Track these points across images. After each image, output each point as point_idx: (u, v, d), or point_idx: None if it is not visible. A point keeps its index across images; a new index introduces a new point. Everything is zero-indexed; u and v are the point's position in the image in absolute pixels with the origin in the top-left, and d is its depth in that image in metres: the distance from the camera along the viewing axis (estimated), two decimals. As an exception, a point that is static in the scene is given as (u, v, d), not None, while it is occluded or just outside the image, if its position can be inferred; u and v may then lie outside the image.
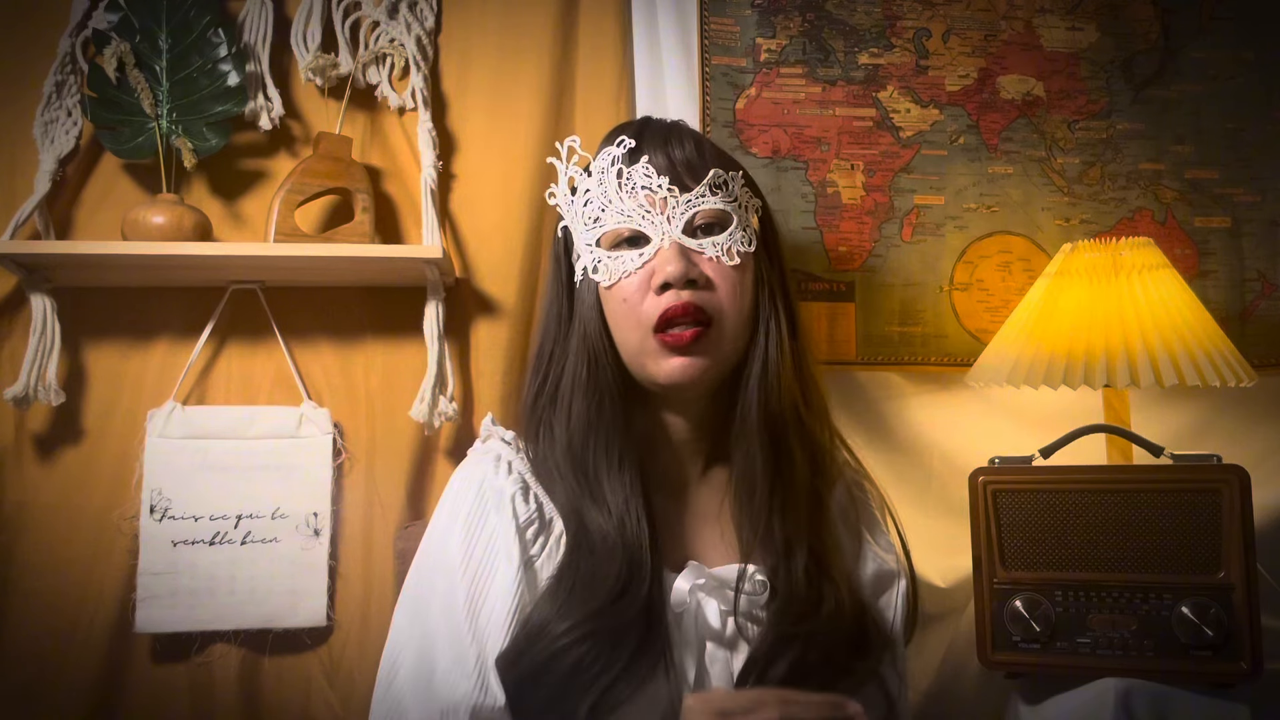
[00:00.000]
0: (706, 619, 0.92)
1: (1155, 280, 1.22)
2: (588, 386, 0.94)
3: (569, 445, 0.94)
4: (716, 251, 0.95)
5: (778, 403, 0.97)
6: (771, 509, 0.95)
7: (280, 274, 1.31)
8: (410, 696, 0.89)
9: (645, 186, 0.94)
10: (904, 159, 1.44)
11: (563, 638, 0.85)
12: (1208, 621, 1.00)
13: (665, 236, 0.94)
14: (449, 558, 0.93)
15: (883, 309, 1.42)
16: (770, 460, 0.96)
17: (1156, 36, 1.48)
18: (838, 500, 1.03)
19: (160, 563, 1.25)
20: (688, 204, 0.95)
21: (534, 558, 0.92)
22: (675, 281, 0.92)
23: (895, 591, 1.02)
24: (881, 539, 1.04)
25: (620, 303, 0.94)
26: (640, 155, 0.95)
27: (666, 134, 0.99)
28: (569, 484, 0.93)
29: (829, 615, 0.92)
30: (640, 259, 0.94)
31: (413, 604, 0.95)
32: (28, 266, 1.23)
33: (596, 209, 0.96)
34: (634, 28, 1.43)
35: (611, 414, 0.94)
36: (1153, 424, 1.29)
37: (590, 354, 0.95)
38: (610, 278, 0.95)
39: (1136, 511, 1.04)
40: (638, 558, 0.89)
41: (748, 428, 0.97)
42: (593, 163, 0.97)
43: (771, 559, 0.94)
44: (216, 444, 1.28)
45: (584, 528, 0.91)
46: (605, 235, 0.96)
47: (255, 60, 1.33)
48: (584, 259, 0.97)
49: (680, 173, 0.96)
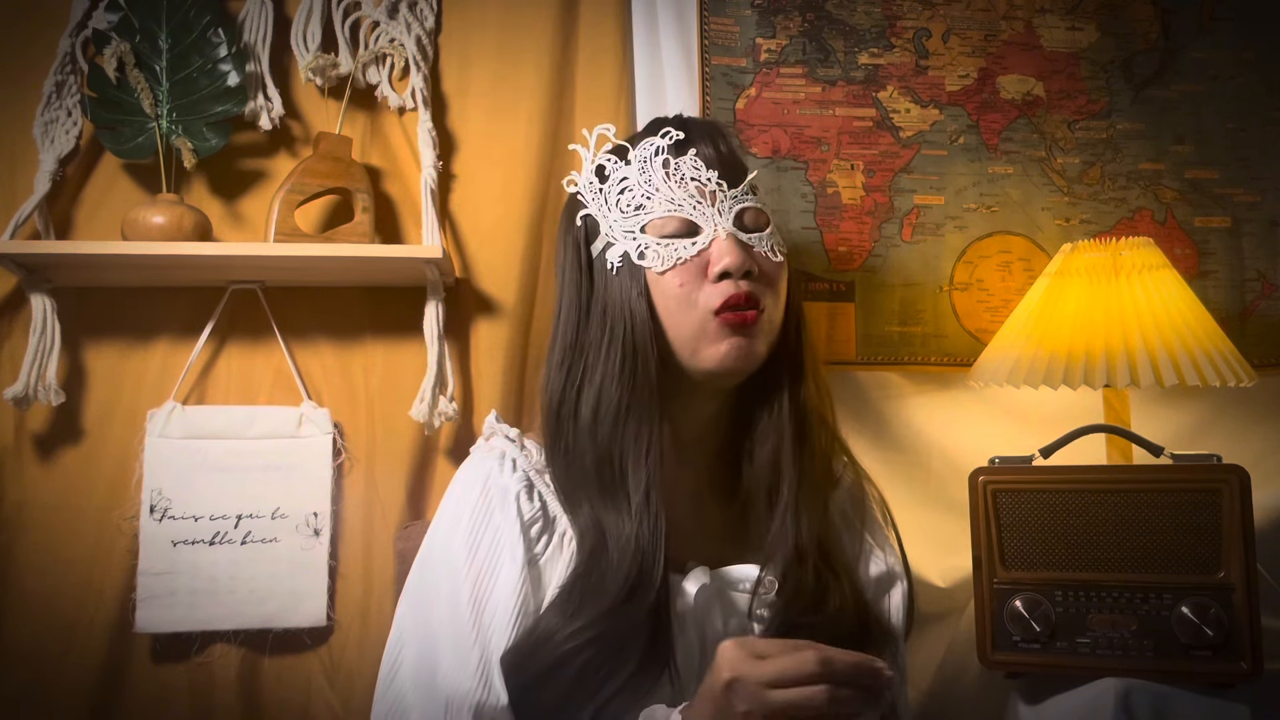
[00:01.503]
0: (714, 622, 0.92)
1: (1155, 280, 1.22)
2: (623, 374, 0.93)
3: (595, 436, 0.93)
4: (764, 247, 0.97)
5: (805, 398, 0.98)
6: (790, 503, 0.95)
7: (280, 274, 1.31)
8: (412, 694, 0.89)
9: (694, 178, 0.96)
10: (904, 159, 1.44)
11: (569, 641, 0.85)
12: (1208, 621, 1.00)
13: (719, 227, 0.95)
14: (453, 555, 0.92)
15: (883, 309, 1.42)
16: (795, 454, 0.97)
17: (1156, 36, 1.48)
18: (840, 501, 1.04)
19: (160, 563, 1.25)
20: (734, 199, 0.97)
21: (538, 556, 0.92)
22: (735, 271, 0.93)
23: (895, 593, 1.03)
24: (882, 540, 1.05)
25: (676, 288, 0.94)
26: (688, 148, 0.97)
27: (711, 130, 1.01)
28: (590, 480, 0.93)
29: (834, 611, 0.93)
30: (694, 247, 0.94)
31: (416, 601, 0.95)
32: (28, 266, 1.23)
33: (639, 196, 0.96)
34: (634, 28, 1.43)
35: (648, 401, 0.93)
36: (1153, 424, 1.29)
37: (630, 341, 0.94)
38: (663, 264, 0.94)
39: (1136, 511, 1.04)
40: (651, 556, 0.89)
41: (778, 421, 0.98)
42: (632, 151, 0.98)
43: (785, 553, 0.94)
44: (216, 444, 1.28)
45: (600, 531, 0.91)
46: (651, 223, 0.96)
47: (255, 60, 1.33)
48: (621, 245, 0.96)
49: (727, 168, 0.98)
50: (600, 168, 1.00)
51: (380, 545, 1.30)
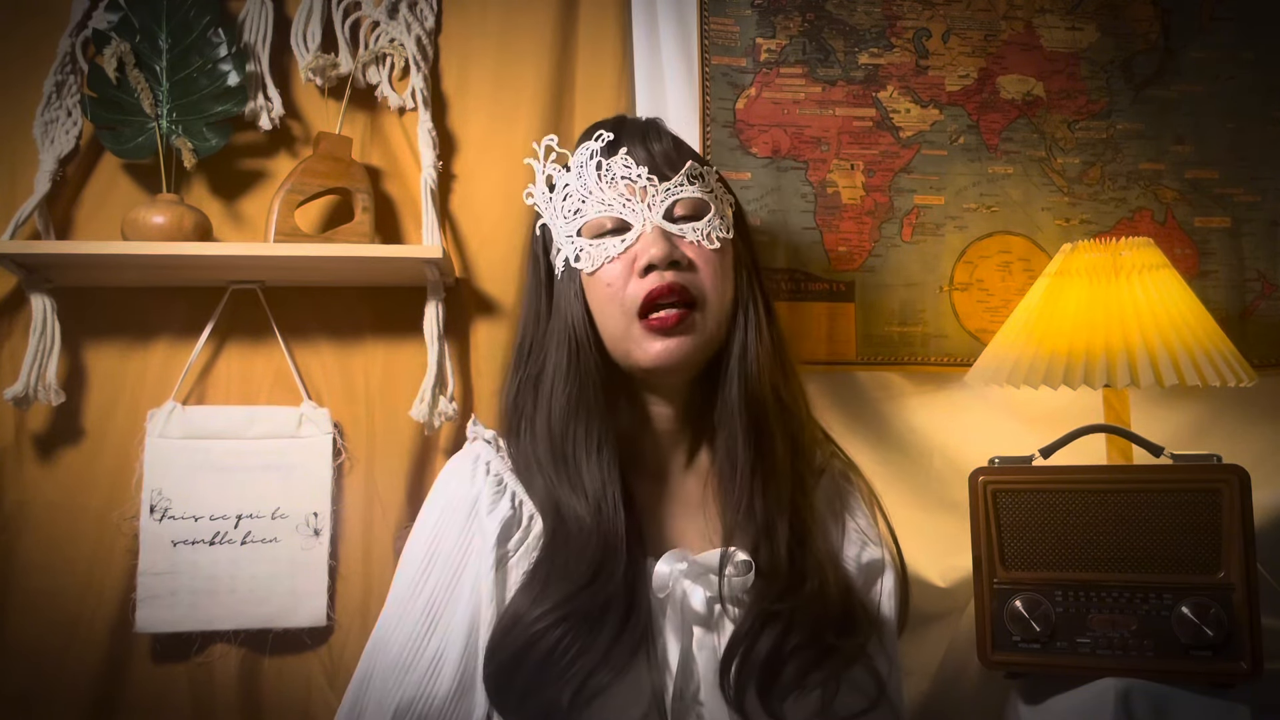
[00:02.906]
0: (690, 604, 0.93)
1: (1155, 280, 1.22)
2: (568, 374, 0.96)
3: (549, 433, 0.96)
4: (697, 236, 0.97)
5: (758, 384, 0.99)
6: (753, 489, 0.96)
7: (280, 274, 1.31)
8: (368, 695, 0.93)
9: (625, 177, 0.97)
10: (904, 159, 1.44)
11: (537, 623, 0.86)
12: (1208, 621, 1.00)
13: (646, 222, 0.96)
14: (410, 563, 0.96)
15: (883, 309, 1.42)
16: (751, 441, 0.97)
17: (1156, 36, 1.48)
18: (824, 489, 1.05)
19: (160, 563, 1.25)
20: (667, 192, 0.97)
21: (508, 555, 0.93)
22: (659, 262, 0.94)
23: (883, 581, 1.03)
24: (869, 530, 1.05)
25: (604, 287, 0.96)
26: (619, 148, 0.98)
27: (644, 129, 1.02)
28: (547, 473, 0.95)
29: (812, 594, 0.93)
30: (623, 244, 0.96)
31: (387, 607, 0.98)
32: (28, 266, 1.23)
33: (576, 201, 0.98)
34: (634, 28, 1.43)
35: (593, 400, 0.96)
36: (1153, 424, 1.29)
37: (573, 342, 0.97)
38: (593, 264, 0.96)
39: (1136, 511, 1.04)
40: (612, 542, 0.90)
41: (729, 409, 0.98)
42: (571, 158, 1.00)
43: (752, 538, 0.95)
44: (216, 444, 1.28)
45: (560, 517, 0.93)
46: (587, 225, 0.98)
47: (255, 60, 1.33)
48: (564, 251, 0.99)
49: (659, 164, 0.98)
50: (549, 177, 1.02)
51: (380, 545, 1.30)
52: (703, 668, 0.91)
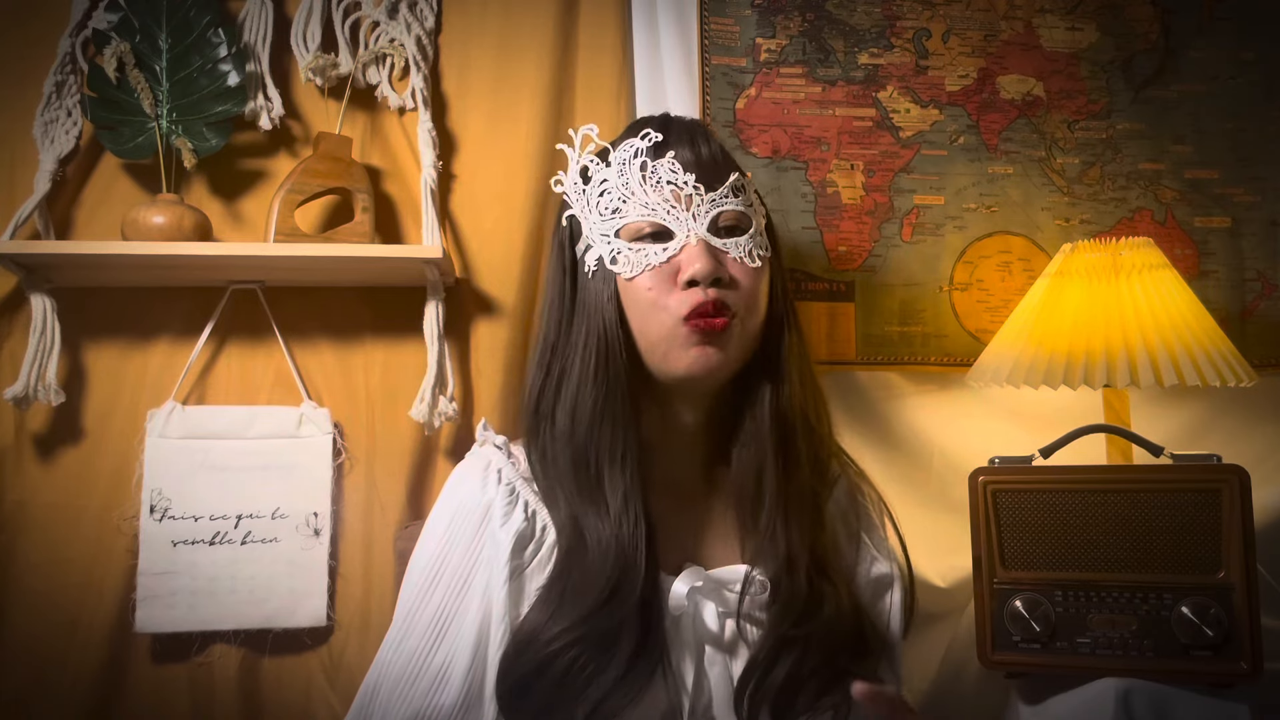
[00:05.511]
0: (705, 622, 0.92)
1: (1155, 280, 1.22)
2: (597, 377, 0.93)
3: (571, 438, 0.93)
4: (740, 253, 0.94)
5: (788, 404, 0.97)
6: (776, 511, 0.94)
7: (280, 274, 1.31)
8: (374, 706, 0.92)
9: (670, 182, 0.94)
10: (904, 159, 1.44)
11: (553, 643, 0.85)
12: (1208, 621, 1.00)
13: (691, 233, 0.93)
14: (418, 571, 0.94)
15: (883, 309, 1.42)
16: (778, 462, 0.96)
17: (1156, 36, 1.48)
18: (837, 503, 1.03)
19: (160, 563, 1.25)
20: (712, 203, 0.94)
21: (522, 566, 0.91)
22: (703, 279, 0.91)
23: (892, 595, 1.02)
24: (880, 543, 1.04)
25: (644, 292, 0.93)
26: (666, 150, 0.95)
27: (692, 131, 0.98)
28: (566, 481, 0.92)
29: (829, 618, 0.92)
30: (664, 253, 0.93)
31: (396, 616, 0.96)
32: (28, 266, 1.23)
33: (616, 199, 0.95)
34: (634, 28, 1.43)
35: (621, 406, 0.93)
36: (1153, 424, 1.29)
37: (604, 345, 0.93)
38: (632, 270, 0.93)
39: (1136, 511, 1.04)
40: (631, 559, 0.88)
41: (759, 428, 0.96)
42: (612, 153, 0.97)
43: (775, 561, 0.93)
44: (216, 444, 1.28)
45: (578, 530, 0.90)
46: (626, 227, 0.94)
47: (255, 60, 1.33)
48: (598, 249, 0.95)
49: (705, 171, 0.95)
50: (584, 169, 0.99)
51: (380, 545, 1.30)
52: (714, 683, 0.90)
